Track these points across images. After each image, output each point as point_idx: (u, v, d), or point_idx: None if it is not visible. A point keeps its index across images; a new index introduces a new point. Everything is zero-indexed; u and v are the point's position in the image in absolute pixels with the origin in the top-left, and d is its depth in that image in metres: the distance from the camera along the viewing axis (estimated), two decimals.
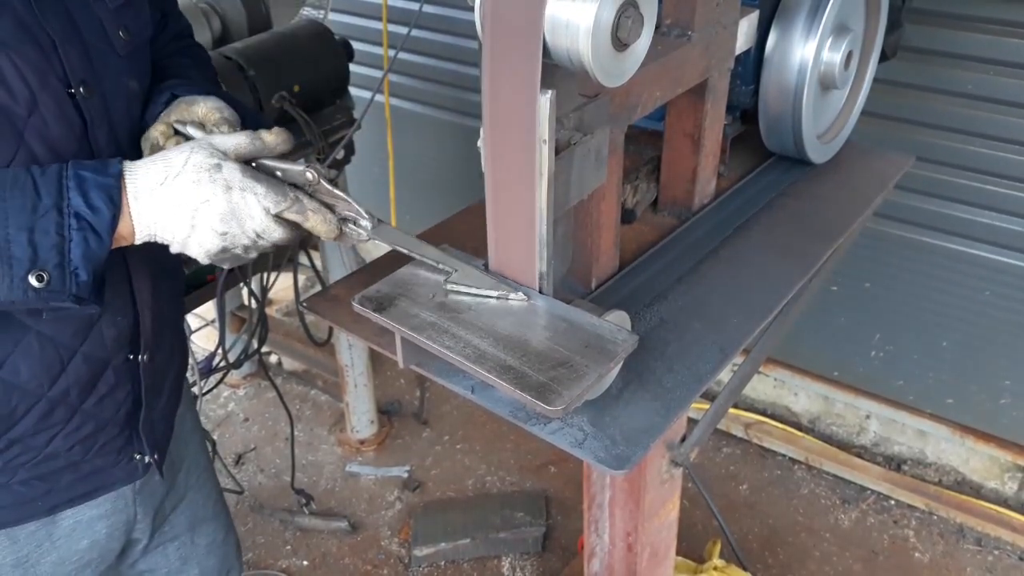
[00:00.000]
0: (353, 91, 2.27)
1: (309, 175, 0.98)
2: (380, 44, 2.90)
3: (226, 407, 3.15)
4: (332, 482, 2.83)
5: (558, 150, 0.94)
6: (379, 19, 2.80)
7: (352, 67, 2.22)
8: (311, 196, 0.99)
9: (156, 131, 1.04)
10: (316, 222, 0.98)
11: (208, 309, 2.71)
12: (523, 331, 0.94)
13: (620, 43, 0.87)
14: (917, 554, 2.50)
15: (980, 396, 2.49)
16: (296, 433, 2.84)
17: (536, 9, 0.82)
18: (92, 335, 1.08)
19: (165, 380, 1.26)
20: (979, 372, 2.46)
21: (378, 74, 3.06)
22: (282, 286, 3.14)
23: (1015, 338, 2.35)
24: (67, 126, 0.97)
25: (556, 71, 0.88)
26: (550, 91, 0.85)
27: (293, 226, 0.98)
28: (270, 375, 2.79)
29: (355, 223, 1.02)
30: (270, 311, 3.23)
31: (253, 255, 0.99)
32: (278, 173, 0.98)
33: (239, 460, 2.92)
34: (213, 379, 2.55)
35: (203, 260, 0.96)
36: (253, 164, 0.98)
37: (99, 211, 0.89)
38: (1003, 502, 2.59)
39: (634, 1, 0.86)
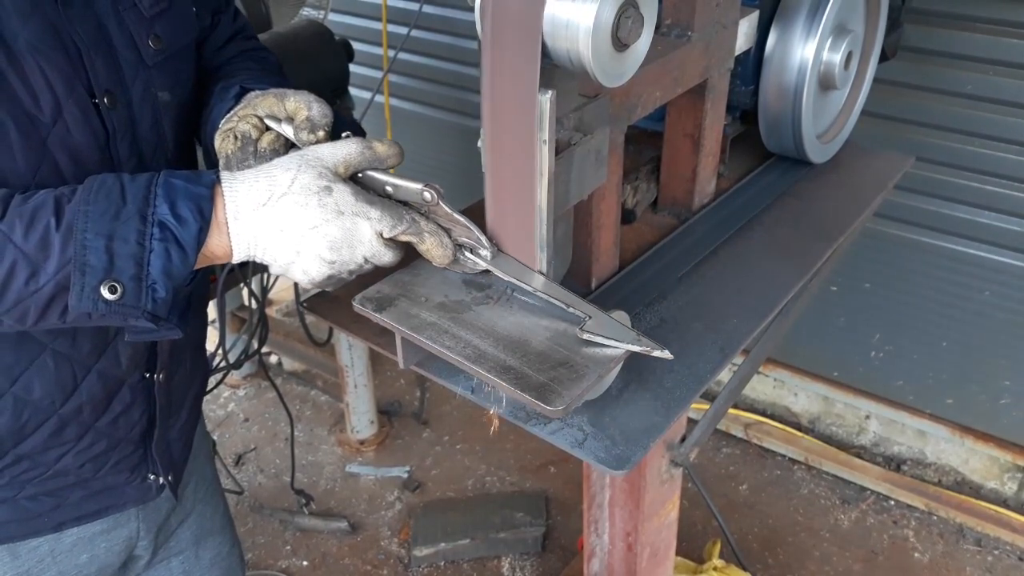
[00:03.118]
0: (353, 91, 2.27)
1: (427, 195, 0.89)
2: (380, 44, 2.90)
3: (226, 407, 3.15)
4: (332, 482, 2.83)
5: (558, 150, 0.93)
6: (379, 19, 2.80)
7: (352, 67, 2.22)
8: (426, 217, 0.91)
9: (247, 124, 0.95)
10: (431, 245, 0.91)
11: (208, 309, 2.70)
12: (523, 331, 0.94)
13: (620, 43, 0.87)
14: (917, 554, 2.50)
15: (980, 396, 2.49)
16: (296, 433, 2.84)
17: (536, 9, 0.82)
18: (108, 353, 1.04)
19: (184, 400, 1.22)
20: (979, 372, 2.46)
21: (378, 74, 3.06)
22: (282, 286, 3.14)
23: (1015, 338, 2.35)
24: (90, 136, 0.92)
25: (556, 71, 0.88)
26: (550, 91, 0.85)
27: (404, 248, 0.91)
28: (270, 375, 2.79)
29: (472, 251, 0.94)
30: (270, 311, 3.23)
31: (353, 277, 0.91)
32: (388, 188, 0.90)
33: (239, 460, 2.92)
34: (213, 379, 2.54)
35: (305, 285, 0.89)
36: (360, 175, 0.90)
37: (185, 222, 0.82)
38: (1003, 502, 2.59)
39: (634, 1, 0.86)
